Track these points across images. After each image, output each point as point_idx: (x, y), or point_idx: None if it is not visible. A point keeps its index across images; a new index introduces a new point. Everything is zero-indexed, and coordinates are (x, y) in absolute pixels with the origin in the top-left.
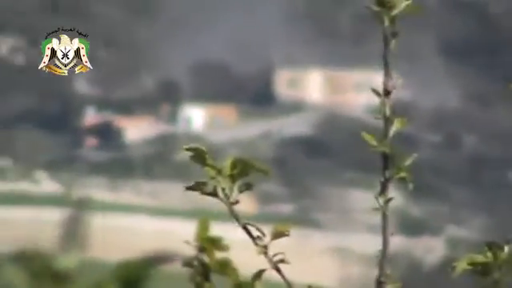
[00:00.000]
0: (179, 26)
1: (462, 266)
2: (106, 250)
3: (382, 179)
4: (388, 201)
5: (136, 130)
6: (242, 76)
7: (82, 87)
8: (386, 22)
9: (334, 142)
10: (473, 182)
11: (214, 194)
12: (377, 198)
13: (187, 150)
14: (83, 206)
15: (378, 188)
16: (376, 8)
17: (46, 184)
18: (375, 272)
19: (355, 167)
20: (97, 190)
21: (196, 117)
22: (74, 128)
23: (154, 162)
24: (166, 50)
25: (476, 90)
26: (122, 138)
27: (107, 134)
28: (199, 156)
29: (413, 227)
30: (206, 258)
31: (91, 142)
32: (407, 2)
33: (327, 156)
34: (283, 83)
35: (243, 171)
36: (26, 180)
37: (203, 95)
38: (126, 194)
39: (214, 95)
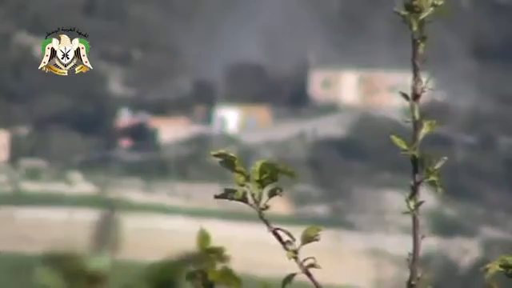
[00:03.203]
0: (214, 28)
1: (494, 268)
2: (141, 251)
3: (412, 183)
4: (418, 204)
5: (170, 131)
6: (276, 77)
7: (116, 88)
8: (415, 26)
9: (368, 143)
10: (508, 184)
11: (243, 199)
12: (407, 202)
13: (215, 155)
14: (115, 207)
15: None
16: (404, 12)
17: (80, 185)
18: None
19: (390, 168)
20: (131, 190)
21: (230, 118)
22: (109, 129)
23: (188, 163)
24: (200, 51)
25: (511, 91)
26: (157, 139)
27: (141, 135)
28: (228, 162)
29: (448, 228)
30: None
31: (125, 143)
32: (434, 7)
33: (361, 157)
34: (317, 84)
35: (271, 176)
36: (60, 181)
37: (237, 96)
38: (160, 195)
39: (249, 96)
